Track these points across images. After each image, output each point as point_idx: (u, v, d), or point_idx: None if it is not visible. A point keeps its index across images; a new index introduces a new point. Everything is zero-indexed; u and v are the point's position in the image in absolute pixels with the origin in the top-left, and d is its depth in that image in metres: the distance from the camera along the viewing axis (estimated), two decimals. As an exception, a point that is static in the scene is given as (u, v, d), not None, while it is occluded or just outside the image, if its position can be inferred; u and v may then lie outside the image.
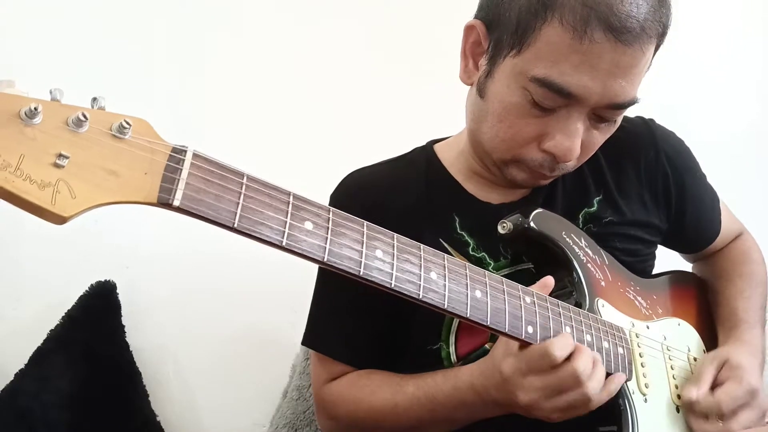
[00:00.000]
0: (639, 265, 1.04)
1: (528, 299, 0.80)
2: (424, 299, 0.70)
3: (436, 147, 1.07)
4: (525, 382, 0.78)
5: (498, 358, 0.81)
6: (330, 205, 0.99)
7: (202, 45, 1.54)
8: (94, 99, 0.54)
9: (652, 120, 1.08)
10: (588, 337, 0.84)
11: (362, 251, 0.66)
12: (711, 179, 1.13)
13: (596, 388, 0.79)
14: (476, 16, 0.92)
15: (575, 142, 0.86)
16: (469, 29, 0.92)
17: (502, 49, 0.86)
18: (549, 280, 0.85)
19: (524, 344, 0.79)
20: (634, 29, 0.79)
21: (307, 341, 1.03)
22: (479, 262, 0.95)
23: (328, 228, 0.64)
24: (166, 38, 1.52)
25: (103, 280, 1.38)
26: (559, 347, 0.76)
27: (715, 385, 0.93)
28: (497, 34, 0.87)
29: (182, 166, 0.56)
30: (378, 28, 1.60)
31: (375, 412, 0.93)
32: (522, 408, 0.79)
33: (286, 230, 0.61)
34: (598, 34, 0.78)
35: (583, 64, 0.80)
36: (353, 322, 0.98)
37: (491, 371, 0.82)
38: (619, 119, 0.91)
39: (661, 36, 0.84)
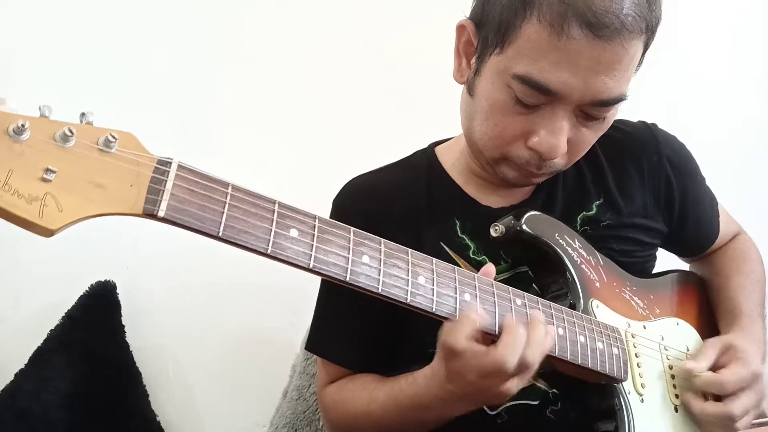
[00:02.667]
0: (637, 266, 1.04)
1: (519, 301, 0.80)
2: (412, 303, 0.70)
3: (437, 149, 1.08)
4: (458, 366, 0.73)
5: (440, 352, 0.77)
6: (332, 211, 1.02)
7: (202, 49, 1.54)
8: (83, 114, 0.55)
9: (654, 124, 1.08)
10: (581, 339, 0.84)
11: (348, 257, 0.66)
12: (711, 180, 1.12)
13: (536, 353, 0.74)
14: (469, 16, 0.93)
15: (560, 139, 0.85)
16: (460, 29, 0.93)
17: (488, 47, 0.86)
18: (489, 268, 0.81)
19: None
20: (612, 24, 0.78)
21: (308, 345, 1.04)
22: (480, 266, 0.94)
23: (313, 235, 0.65)
24: (166, 44, 1.53)
25: (103, 280, 1.38)
26: (459, 334, 0.72)
27: (717, 368, 0.93)
28: (484, 32, 0.88)
29: (167, 177, 0.57)
30: (377, 31, 1.60)
31: (353, 417, 0.94)
32: (479, 395, 0.76)
33: (271, 238, 0.62)
34: (575, 31, 0.78)
35: (562, 61, 0.80)
36: (355, 326, 0.98)
37: (439, 368, 0.78)
38: (610, 117, 0.90)
39: (646, 32, 0.83)
